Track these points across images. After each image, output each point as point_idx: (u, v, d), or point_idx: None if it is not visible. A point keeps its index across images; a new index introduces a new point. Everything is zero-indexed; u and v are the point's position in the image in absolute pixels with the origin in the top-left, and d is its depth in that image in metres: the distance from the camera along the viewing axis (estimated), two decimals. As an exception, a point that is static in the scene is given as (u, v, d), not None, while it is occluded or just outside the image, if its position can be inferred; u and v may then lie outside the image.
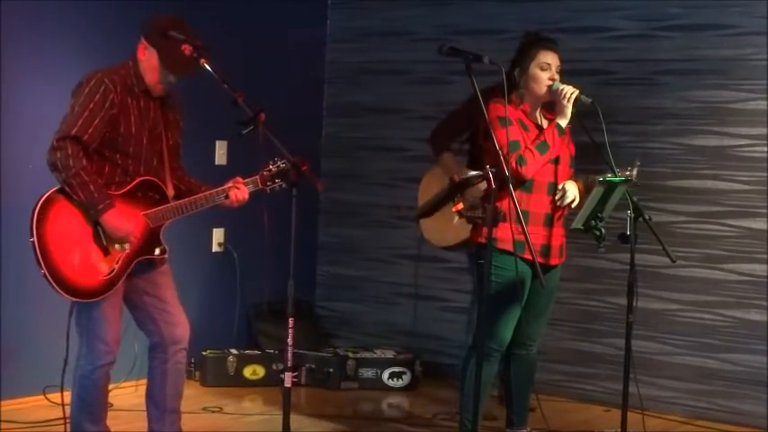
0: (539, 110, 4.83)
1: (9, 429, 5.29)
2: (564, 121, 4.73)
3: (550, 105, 4.80)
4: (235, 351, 6.44)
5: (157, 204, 4.42)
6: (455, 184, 5.00)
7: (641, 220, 4.63)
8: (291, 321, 4.29)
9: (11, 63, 5.56)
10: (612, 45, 6.22)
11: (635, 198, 4.65)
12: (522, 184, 4.65)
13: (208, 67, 4.30)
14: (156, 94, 4.42)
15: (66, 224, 4.25)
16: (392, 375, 6.47)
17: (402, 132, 6.69)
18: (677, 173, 6.04)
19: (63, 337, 4.40)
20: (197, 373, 6.35)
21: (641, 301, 5.19)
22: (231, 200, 4.47)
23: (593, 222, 4.58)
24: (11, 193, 5.51)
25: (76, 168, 4.19)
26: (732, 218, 5.91)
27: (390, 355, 6.56)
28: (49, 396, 5.54)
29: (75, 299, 4.30)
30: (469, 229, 4.97)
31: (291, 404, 4.33)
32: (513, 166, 4.57)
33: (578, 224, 4.58)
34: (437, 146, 5.72)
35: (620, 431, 4.75)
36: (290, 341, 4.29)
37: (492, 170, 4.20)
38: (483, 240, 4.40)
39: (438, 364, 6.59)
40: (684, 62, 6.02)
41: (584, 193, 4.75)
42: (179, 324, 4.54)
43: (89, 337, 4.38)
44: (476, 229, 4.80)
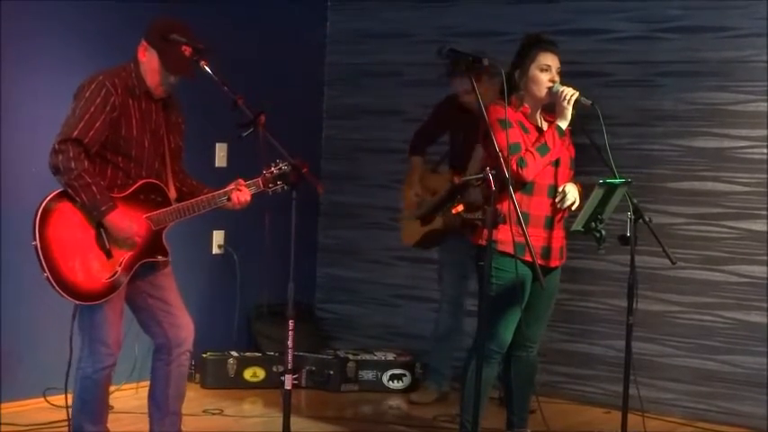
0: (539, 112, 4.82)
1: (9, 432, 5.30)
2: (564, 123, 4.72)
3: (550, 107, 4.79)
4: (235, 353, 6.45)
5: (160, 207, 4.42)
6: (455, 187, 5.00)
7: (641, 221, 4.62)
8: (292, 323, 4.28)
9: (11, 64, 5.56)
10: (612, 47, 6.22)
11: (635, 200, 4.65)
12: (523, 186, 4.65)
13: (208, 70, 4.30)
14: (158, 96, 4.42)
15: (69, 227, 4.25)
16: (392, 377, 6.47)
17: (402, 134, 6.68)
18: (677, 174, 6.04)
19: (64, 340, 4.40)
20: (197, 375, 6.35)
21: (641, 303, 5.19)
22: (233, 202, 4.46)
23: (593, 224, 4.58)
24: (11, 196, 5.50)
25: (78, 171, 4.19)
26: (732, 219, 5.91)
27: (391, 357, 6.56)
28: (49, 398, 5.54)
29: (79, 301, 4.30)
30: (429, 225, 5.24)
31: (292, 406, 4.33)
32: (514, 168, 4.57)
33: (578, 226, 4.59)
34: (411, 148, 6.19)
35: (620, 433, 4.76)
36: (290, 343, 4.28)
37: (492, 172, 4.20)
38: (483, 242, 4.40)
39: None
40: (684, 64, 6.02)
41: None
42: (183, 326, 4.54)
43: (91, 340, 4.38)
44: (476, 231, 4.80)
